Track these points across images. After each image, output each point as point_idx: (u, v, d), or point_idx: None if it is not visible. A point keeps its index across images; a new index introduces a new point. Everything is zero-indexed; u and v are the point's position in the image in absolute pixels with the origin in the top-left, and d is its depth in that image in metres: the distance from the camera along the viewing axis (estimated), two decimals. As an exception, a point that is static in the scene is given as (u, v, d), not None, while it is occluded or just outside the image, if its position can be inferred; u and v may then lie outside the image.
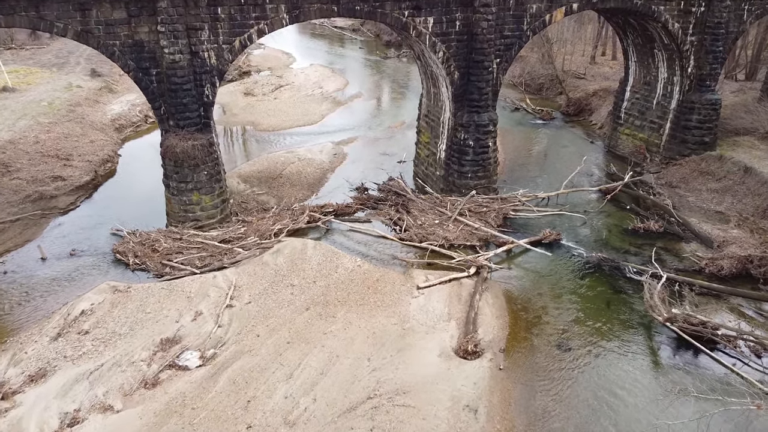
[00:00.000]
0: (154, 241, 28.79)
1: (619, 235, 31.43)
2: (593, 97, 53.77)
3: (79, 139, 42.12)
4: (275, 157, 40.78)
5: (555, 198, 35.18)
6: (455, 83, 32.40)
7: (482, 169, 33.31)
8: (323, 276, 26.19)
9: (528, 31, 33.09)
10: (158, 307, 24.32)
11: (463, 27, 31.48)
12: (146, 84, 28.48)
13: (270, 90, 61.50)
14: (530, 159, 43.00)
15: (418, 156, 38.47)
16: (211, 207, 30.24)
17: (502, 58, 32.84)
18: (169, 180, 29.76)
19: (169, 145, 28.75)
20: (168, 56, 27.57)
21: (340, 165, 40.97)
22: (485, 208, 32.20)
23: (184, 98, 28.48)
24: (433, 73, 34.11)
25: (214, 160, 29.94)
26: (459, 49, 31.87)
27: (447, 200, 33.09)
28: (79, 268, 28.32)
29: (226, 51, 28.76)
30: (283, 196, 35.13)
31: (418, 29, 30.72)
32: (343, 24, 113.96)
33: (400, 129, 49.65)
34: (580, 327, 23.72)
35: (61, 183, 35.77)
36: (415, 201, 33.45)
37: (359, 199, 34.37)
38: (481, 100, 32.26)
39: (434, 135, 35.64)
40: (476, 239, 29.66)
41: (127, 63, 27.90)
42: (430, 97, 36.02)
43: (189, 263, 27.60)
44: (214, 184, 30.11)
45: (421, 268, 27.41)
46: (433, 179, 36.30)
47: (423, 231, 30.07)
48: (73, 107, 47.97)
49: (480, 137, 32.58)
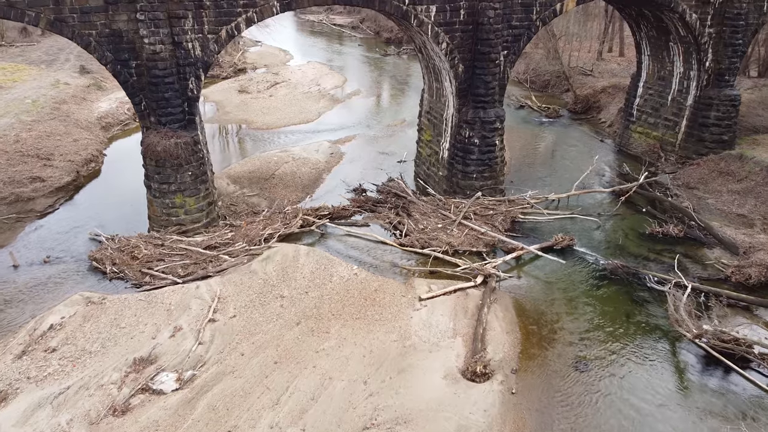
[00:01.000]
0: (133, 248, 26.57)
1: (637, 240, 29.20)
2: (602, 94, 51.53)
3: (62, 138, 39.92)
4: (268, 156, 38.55)
5: (566, 200, 32.94)
6: (459, 77, 30.18)
7: (488, 169, 31.07)
8: (316, 286, 23.97)
9: (537, 21, 30.87)
10: (134, 322, 22.11)
11: (468, 16, 29.27)
12: (125, 77, 26.28)
13: (265, 87, 59.30)
14: (537, 158, 40.77)
15: (420, 155, 36.26)
16: (195, 210, 28.03)
17: (509, 50, 30.62)
18: (151, 181, 27.56)
19: (149, 144, 26.54)
20: (148, 47, 25.37)
21: (337, 165, 38.77)
22: (492, 210, 29.96)
23: (166, 92, 26.27)
24: (435, 67, 31.89)
25: (200, 159, 27.73)
26: (464, 41, 29.65)
27: (450, 202, 30.85)
28: (53, 276, 26.12)
29: (212, 41, 26.56)
30: (275, 198, 32.91)
31: (419, 18, 28.51)
32: (342, 21, 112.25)
33: (401, 127, 47.44)
34: (598, 344, 21.50)
35: (39, 184, 33.58)
36: (417, 203, 31.23)
37: (357, 201, 32.15)
38: (487, 94, 30.04)
39: (437, 133, 33.43)
40: (483, 245, 27.43)
41: (104, 54, 25.71)
42: (432, 92, 33.79)
43: (171, 272, 25.40)
44: (200, 185, 27.89)
45: (424, 276, 25.20)
46: (435, 180, 34.07)
47: (425, 236, 27.85)
48: (58, 105, 45.79)
49: (486, 135, 30.35)
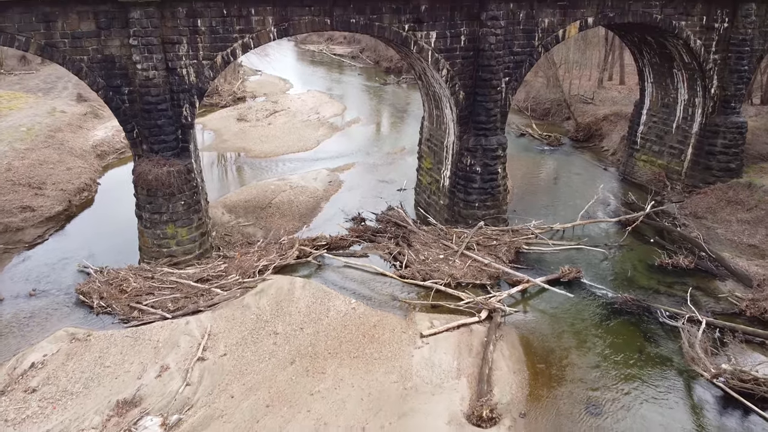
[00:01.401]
0: (122, 281, 25.48)
1: (646, 272, 28.12)
2: (604, 122, 50.96)
3: (55, 166, 39.12)
4: (265, 184, 37.69)
5: (571, 230, 31.98)
6: (460, 104, 29.48)
7: (491, 198, 30.16)
8: (312, 321, 22.81)
9: (539, 47, 30.31)
10: (120, 360, 20.90)
11: (468, 42, 28.71)
12: (117, 104, 25.53)
13: (264, 115, 58.79)
14: (540, 187, 39.91)
15: (420, 183, 35.40)
16: (188, 241, 27.00)
17: (511, 77, 29.98)
18: (142, 211, 26.61)
19: (141, 172, 25.66)
20: (141, 73, 24.68)
21: (336, 193, 37.87)
22: (495, 241, 28.95)
23: (159, 119, 25.49)
24: (435, 94, 31.23)
25: (193, 188, 26.81)
26: (464, 67, 29.03)
27: (452, 232, 29.85)
28: (38, 310, 24.96)
29: (207, 67, 25.89)
30: (271, 227, 31.91)
31: (419, 45, 27.92)
32: (342, 51, 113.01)
33: (400, 155, 46.72)
34: (610, 383, 20.27)
35: (29, 214, 32.61)
36: (417, 233, 30.23)
37: (355, 231, 31.15)
38: (488, 122, 29.30)
39: (437, 161, 32.61)
40: (486, 277, 26.34)
41: (95, 80, 25.00)
42: (432, 119, 33.09)
43: (160, 306, 24.25)
44: (192, 215, 26.93)
45: (425, 310, 24.06)
46: (436, 209, 33.14)
47: (426, 267, 26.78)
48: (54, 133, 45.11)
49: (488, 162, 29.51)
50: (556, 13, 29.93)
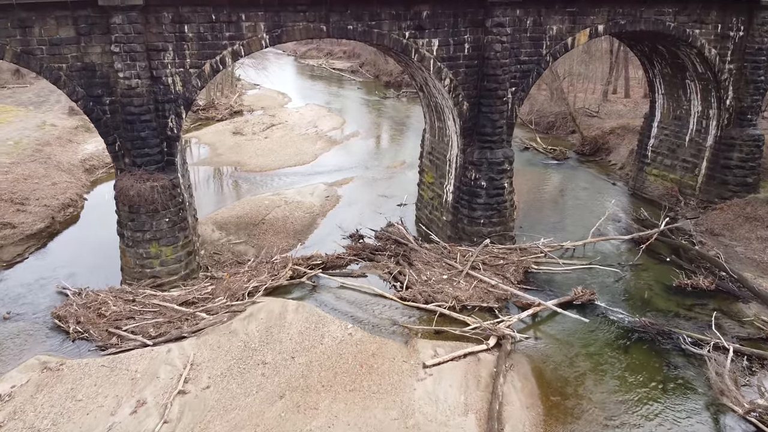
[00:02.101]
0: (101, 304, 23.65)
1: (663, 294, 26.28)
2: (610, 136, 49.36)
3: (40, 181, 37.45)
4: (258, 200, 35.99)
5: (581, 248, 30.19)
6: (464, 115, 27.86)
7: (497, 214, 28.40)
8: (305, 349, 20.94)
9: (547, 56, 28.75)
10: (93, 393, 19.03)
11: (473, 50, 27.16)
12: (98, 114, 23.90)
13: (261, 129, 57.31)
14: (547, 203, 38.18)
15: (422, 198, 33.68)
16: (173, 261, 25.22)
17: (517, 87, 28.39)
18: (124, 229, 24.87)
19: (122, 187, 23.96)
20: (123, 81, 23.07)
21: (333, 208, 36.14)
22: (502, 260, 27.14)
23: (142, 131, 23.85)
24: (437, 105, 29.63)
25: (178, 204, 25.09)
26: (468, 76, 27.46)
27: (456, 250, 28.05)
28: (11, 335, 23.12)
29: (194, 76, 24.29)
30: (264, 245, 30.13)
31: (420, 53, 26.36)
32: (341, 66, 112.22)
33: (401, 169, 45.08)
34: (631, 418, 18.38)
35: (9, 231, 30.82)
36: (419, 251, 28.43)
37: (353, 249, 29.34)
38: (494, 134, 27.65)
39: (439, 175, 30.93)
40: (494, 299, 24.51)
41: (75, 90, 23.40)
42: (434, 132, 31.46)
43: (141, 331, 22.40)
44: (178, 233, 25.17)
45: (428, 337, 22.16)
46: (438, 225, 31.38)
47: (429, 289, 24.95)
48: (41, 147, 43.60)
49: (494, 177, 27.81)
50: (565, 20, 28.42)
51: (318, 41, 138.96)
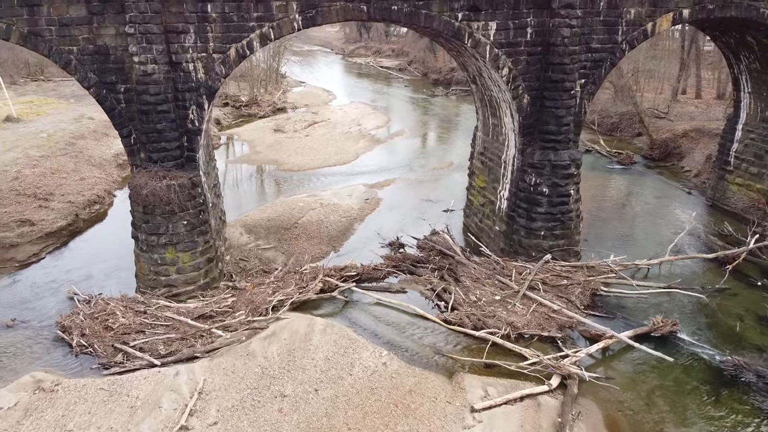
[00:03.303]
0: (109, 315, 21.20)
1: (757, 326, 22.02)
2: (683, 139, 44.49)
3: (68, 175, 35.78)
4: (292, 201, 33.20)
5: (656, 267, 26.09)
6: (524, 110, 24.24)
7: (560, 226, 24.64)
8: (331, 381, 17.83)
9: (623, 44, 24.83)
10: (85, 423, 16.45)
11: (536, 35, 23.53)
12: (111, 104, 21.50)
13: (302, 126, 54.87)
14: (613, 213, 33.98)
15: (471, 204, 30.15)
16: (190, 268, 22.56)
17: (587, 79, 24.60)
18: (138, 231, 22.37)
19: (135, 185, 21.46)
20: (138, 67, 20.55)
21: (372, 212, 32.99)
22: (565, 279, 23.41)
23: (159, 123, 21.28)
24: (492, 99, 26.11)
25: (198, 206, 22.43)
26: (530, 65, 23.85)
27: (511, 266, 24.45)
28: (11, 345, 20.94)
29: (218, 62, 21.57)
30: (294, 252, 27.28)
31: (475, 38, 22.92)
32: (389, 64, 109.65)
33: (447, 170, 41.59)
34: (737, 494, 14.53)
35: (27, 228, 28.98)
36: (467, 265, 24.97)
37: (392, 260, 26.08)
38: (559, 132, 23.94)
39: (493, 178, 27.37)
40: (556, 327, 20.84)
41: (86, 76, 21.06)
42: (487, 129, 27.92)
43: (150, 348, 19.80)
44: (197, 237, 22.51)
45: (477, 371, 18.72)
46: (490, 235, 27.81)
47: (478, 311, 21.47)
48: (75, 140, 42.12)
49: (558, 182, 24.08)
50: (645, 2, 24.43)
51: (366, 39, 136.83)
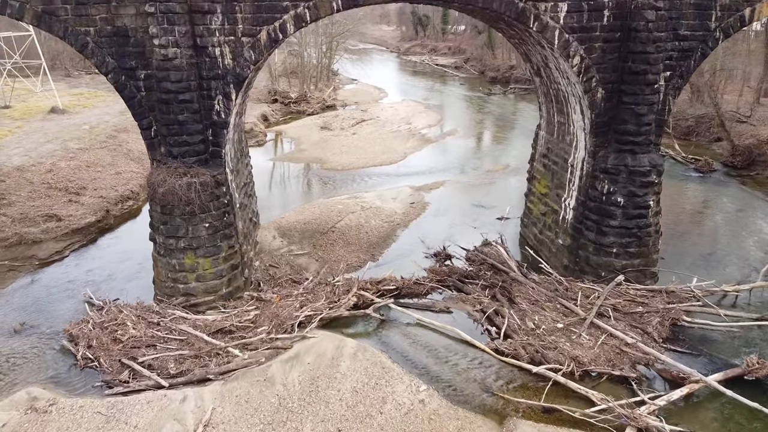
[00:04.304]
0: (120, 325, 19.17)
1: None
2: (769, 145, 39.66)
3: (103, 169, 34.51)
4: (331, 203, 30.69)
5: (746, 294, 22.17)
6: (597, 106, 20.83)
7: (636, 242, 21.07)
8: (357, 419, 15.10)
9: (717, 32, 21.08)
10: (74, 453, 14.35)
11: (614, 19, 20.11)
12: (131, 92, 19.45)
13: (350, 124, 52.53)
14: (692, 226, 29.92)
15: (530, 213, 26.86)
16: (212, 276, 20.30)
17: (673, 71, 20.97)
18: (156, 233, 20.29)
19: (152, 183, 19.34)
20: (158, 50, 18.40)
21: (417, 218, 30.09)
22: (641, 306, 19.89)
23: (180, 113, 19.08)
24: (559, 93, 22.80)
25: (222, 207, 20.14)
26: (606, 54, 20.42)
27: (576, 287, 21.09)
28: (14, 353, 19.25)
29: (248, 47, 19.21)
30: (329, 259, 24.76)
31: (542, 21, 19.72)
32: (445, 62, 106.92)
33: (503, 174, 38.25)
34: None
35: (54, 224, 27.59)
36: (524, 284, 21.78)
37: (437, 273, 23.15)
38: (639, 133, 20.42)
39: (557, 184, 24.03)
40: (629, 364, 17.45)
41: (104, 60, 19.07)
42: (552, 128, 24.60)
43: (159, 366, 17.64)
44: (220, 242, 20.22)
45: (533, 416, 15.60)
46: (551, 250, 24.48)
47: (536, 341, 18.29)
48: (117, 133, 41.07)
49: (635, 191, 20.56)
50: (746, -18, 20.68)
51: (422, 37, 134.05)
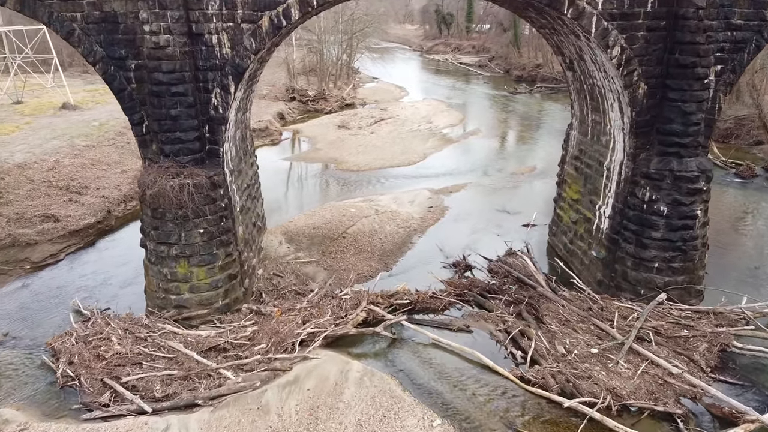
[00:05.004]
0: (104, 340, 17.46)
1: None
2: (818, 149, 36.75)
3: (109, 167, 33.10)
4: (343, 206, 28.73)
5: (806, 315, 19.67)
6: (639, 103, 18.52)
7: (681, 257, 18.70)
8: (360, 460, 13.16)
9: (776, 20, 18.67)
10: (38, 491, 12.62)
11: (659, 5, 17.80)
12: (120, 83, 17.74)
13: (368, 123, 50.59)
14: (735, 237, 27.35)
15: (559, 220, 24.58)
16: (206, 287, 18.50)
17: (725, 65, 18.58)
18: (147, 239, 18.57)
19: (142, 184, 17.61)
20: (149, 37, 16.66)
21: (435, 223, 27.99)
22: (686, 329, 17.56)
23: (173, 107, 17.32)
24: (595, 89, 20.54)
25: (219, 211, 18.33)
26: (650, 45, 18.12)
27: (612, 306, 18.80)
28: (-6, 368, 17.70)
29: (248, 34, 17.37)
30: (338, 268, 22.83)
31: (577, 6, 17.51)
32: (469, 60, 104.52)
33: (528, 177, 35.92)
34: None
35: (50, 225, 26.11)
36: (553, 301, 19.57)
37: (455, 286, 21.05)
38: (686, 133, 18.08)
39: (590, 189, 21.75)
40: (674, 398, 15.17)
41: (92, 49, 17.39)
42: (585, 128, 22.32)
43: (144, 388, 15.87)
44: (216, 249, 18.41)
45: (564, 460, 13.51)
46: (583, 262, 22.19)
47: (567, 368, 16.09)
48: (126, 130, 39.36)
49: (681, 199, 18.22)
50: (810, -37, 18.20)
51: (445, 35, 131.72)
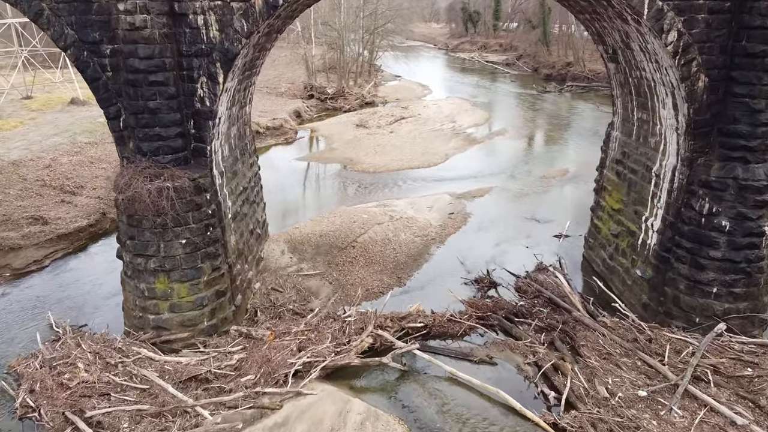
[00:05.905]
0: (70, 366, 15.26)
1: None
2: None
3: (108, 166, 31.15)
4: (354, 212, 26.23)
5: None
6: (698, 99, 15.63)
7: (745, 281, 15.75)
8: None
9: None
10: None
11: (725, -18, 14.98)
12: (95, 71, 15.52)
13: (388, 122, 48.10)
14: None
15: (597, 232, 21.68)
16: (189, 305, 16.17)
17: (802, 52, 15.63)
18: (123, 249, 16.32)
19: (117, 187, 15.36)
20: (124, 17, 14.40)
21: (456, 232, 25.34)
22: (750, 367, 14.66)
23: (152, 99, 15.04)
24: (642, 82, 17.70)
25: (205, 218, 15.99)
26: (712, 30, 15.24)
27: (663, 337, 15.91)
28: (-49, 394, 15.64)
29: (238, 14, 15.01)
30: (345, 282, 20.34)
31: (625, -17, 14.78)
32: (495, 58, 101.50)
33: (560, 181, 33.01)
34: None
35: (38, 228, 24.15)
36: (592, 329, 16.80)
37: (478, 307, 18.39)
38: (754, 135, 15.15)
39: (635, 198, 18.87)
40: (742, 459, 12.38)
41: (62, 32, 15.22)
42: (629, 128, 19.46)
43: (111, 424, 13.59)
44: (202, 262, 16.08)
45: None
46: (625, 282, 19.30)
47: (610, 415, 13.34)
48: (133, 127, 37.87)
49: (746, 213, 15.30)
50: None
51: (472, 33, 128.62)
